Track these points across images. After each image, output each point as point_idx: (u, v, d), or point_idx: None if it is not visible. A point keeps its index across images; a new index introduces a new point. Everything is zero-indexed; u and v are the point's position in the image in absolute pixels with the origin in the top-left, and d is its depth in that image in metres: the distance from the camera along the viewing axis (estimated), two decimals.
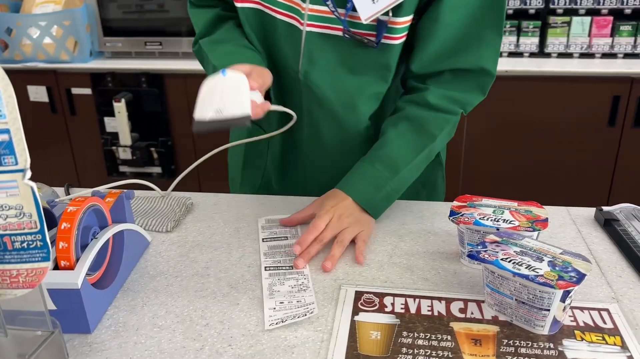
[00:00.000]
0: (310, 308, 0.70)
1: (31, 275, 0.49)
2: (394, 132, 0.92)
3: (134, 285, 0.76)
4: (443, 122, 0.93)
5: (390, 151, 0.91)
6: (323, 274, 0.78)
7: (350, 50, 0.89)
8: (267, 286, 0.75)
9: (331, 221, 0.85)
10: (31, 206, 0.46)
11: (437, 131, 0.92)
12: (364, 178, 0.90)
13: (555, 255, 0.66)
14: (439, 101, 0.91)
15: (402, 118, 0.93)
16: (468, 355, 0.61)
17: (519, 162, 2.37)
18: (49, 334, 0.59)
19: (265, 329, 0.67)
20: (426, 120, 0.92)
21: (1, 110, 0.43)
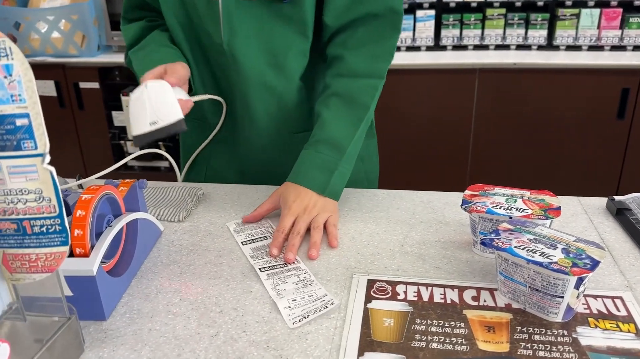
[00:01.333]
0: (326, 300, 0.69)
1: (50, 259, 0.49)
2: (328, 113, 0.93)
3: (148, 273, 0.77)
4: (372, 90, 0.95)
5: (330, 132, 0.92)
6: (335, 263, 0.78)
7: (267, 11, 0.91)
8: (271, 287, 0.74)
9: (299, 215, 0.85)
10: (50, 190, 0.46)
11: (369, 99, 0.95)
12: (313, 165, 0.91)
13: (569, 243, 0.66)
14: (362, 64, 0.94)
15: (331, 96, 0.94)
16: (482, 342, 0.62)
17: (527, 154, 2.37)
18: (65, 320, 0.60)
19: (290, 328, 0.65)
20: (355, 91, 0.94)
21: (21, 94, 0.43)
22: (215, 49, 0.96)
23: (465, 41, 2.44)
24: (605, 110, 2.25)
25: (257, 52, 0.95)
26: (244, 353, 0.61)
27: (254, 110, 1.00)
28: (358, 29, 0.94)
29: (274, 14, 0.91)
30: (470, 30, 2.42)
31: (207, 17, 0.93)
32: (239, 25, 0.92)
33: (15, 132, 0.44)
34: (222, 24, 0.92)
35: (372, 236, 0.85)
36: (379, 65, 0.96)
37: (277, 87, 0.98)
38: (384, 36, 0.94)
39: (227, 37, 0.93)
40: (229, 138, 1.08)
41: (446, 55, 2.39)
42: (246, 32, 0.93)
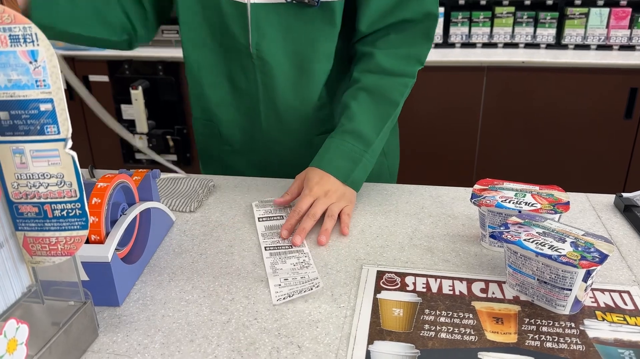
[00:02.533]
0: (315, 283, 0.72)
1: (70, 243, 0.51)
2: (357, 105, 0.94)
3: (160, 262, 0.78)
4: (402, 87, 0.96)
5: (358, 124, 0.93)
6: (344, 254, 0.79)
7: (295, 14, 0.91)
8: (270, 264, 0.77)
9: (319, 197, 0.87)
10: (72, 175, 0.48)
11: (399, 97, 0.95)
12: (339, 154, 0.92)
13: (578, 236, 0.67)
14: (392, 63, 0.94)
15: (360, 90, 0.95)
16: (490, 332, 0.62)
17: (534, 151, 2.37)
18: (81, 304, 0.61)
19: (274, 304, 0.68)
20: (385, 88, 0.94)
21: (45, 80, 0.44)
22: (241, 52, 0.96)
23: (474, 39, 2.44)
24: (613, 109, 2.25)
25: (284, 54, 0.95)
26: (256, 339, 0.63)
27: (280, 110, 1.01)
28: (390, 33, 0.94)
29: (302, 18, 0.92)
30: (479, 28, 2.42)
31: (233, 19, 0.93)
32: (267, 28, 0.93)
33: (39, 117, 0.45)
34: (251, 27, 0.92)
35: (381, 229, 0.86)
36: (411, 66, 0.96)
37: (303, 88, 0.98)
38: (416, 43, 0.95)
39: (255, 40, 0.93)
40: (249, 141, 1.08)
41: (455, 52, 2.39)
42: (274, 35, 0.93)
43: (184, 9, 0.96)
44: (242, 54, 0.96)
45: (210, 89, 1.03)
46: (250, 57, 0.96)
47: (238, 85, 1.01)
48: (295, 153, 1.05)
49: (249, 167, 1.11)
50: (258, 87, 0.99)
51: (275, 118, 1.02)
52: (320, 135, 1.04)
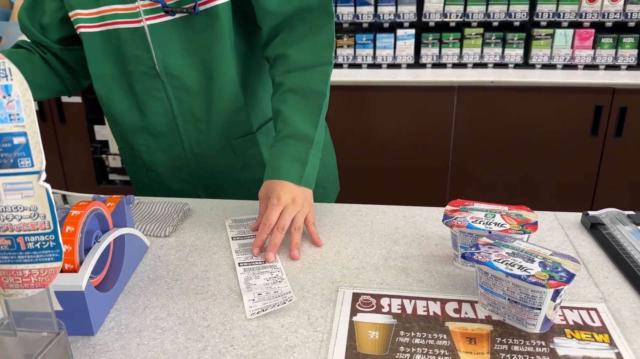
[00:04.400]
0: (288, 296, 0.73)
1: (43, 275, 0.50)
2: (288, 108, 0.96)
3: (135, 288, 0.78)
4: (323, 76, 0.98)
5: (295, 126, 0.95)
6: (320, 276, 0.80)
7: (189, 26, 0.96)
8: (243, 280, 0.79)
9: (287, 205, 0.88)
10: (45, 207, 0.48)
11: (323, 86, 0.98)
12: (287, 158, 0.93)
13: (546, 256, 0.69)
14: (306, 57, 0.97)
15: (286, 92, 0.97)
16: (464, 353, 0.64)
17: (505, 170, 2.42)
18: (55, 335, 0.60)
19: (247, 318, 0.70)
20: (308, 82, 0.97)
21: (19, 113, 0.44)
22: (147, 75, 1.01)
23: (444, 59, 2.49)
24: (580, 127, 2.32)
25: (191, 66, 0.99)
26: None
27: (199, 121, 1.05)
28: (295, 26, 0.97)
29: (195, 27, 0.96)
30: (449, 49, 2.48)
31: (134, 44, 0.98)
32: (169, 45, 0.97)
33: (12, 150, 0.45)
34: (153, 47, 0.97)
35: (356, 251, 0.87)
36: (325, 53, 0.98)
37: (215, 95, 1.02)
38: (320, 25, 0.98)
39: (160, 58, 0.98)
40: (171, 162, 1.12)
41: (426, 72, 2.44)
42: (177, 49, 0.98)
43: (88, 46, 1.01)
44: (149, 76, 1.01)
45: (123, 118, 1.08)
46: (158, 77, 1.00)
47: (150, 109, 1.05)
48: (216, 159, 1.08)
49: (179, 186, 1.14)
50: (172, 103, 1.03)
51: (196, 131, 1.06)
52: (238, 138, 1.07)
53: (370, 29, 2.55)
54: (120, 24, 0.97)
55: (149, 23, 0.96)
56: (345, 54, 2.51)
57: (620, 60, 2.40)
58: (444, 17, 2.45)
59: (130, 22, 0.97)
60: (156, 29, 0.96)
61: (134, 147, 1.12)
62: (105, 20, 0.98)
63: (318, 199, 1.18)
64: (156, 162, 1.12)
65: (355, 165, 2.46)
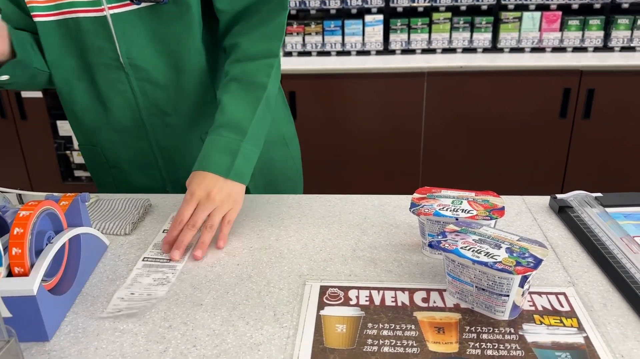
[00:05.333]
0: (150, 305, 0.71)
1: None
2: (227, 96, 0.93)
3: (93, 290, 0.74)
4: (267, 68, 0.96)
5: (229, 115, 0.91)
6: (287, 270, 0.78)
7: (155, 16, 0.92)
8: (133, 277, 0.77)
9: (200, 202, 0.84)
10: None
11: (265, 78, 0.95)
12: (216, 149, 0.89)
13: (513, 242, 0.68)
14: (254, 47, 0.95)
15: (230, 81, 0.95)
16: (432, 343, 0.62)
17: (476, 154, 2.43)
18: (4, 343, 0.57)
19: (99, 316, 0.68)
20: (251, 73, 0.95)
21: None
22: (110, 66, 0.96)
23: (413, 45, 2.48)
24: (548, 109, 2.34)
25: (157, 57, 0.96)
26: None
27: (166, 114, 1.01)
28: (252, 16, 0.95)
29: (162, 17, 0.92)
30: (417, 34, 2.47)
31: (95, 34, 0.93)
32: (133, 35, 0.93)
33: None
34: (117, 38, 0.93)
35: (324, 242, 0.85)
36: (272, 45, 0.96)
37: (184, 87, 0.98)
38: (272, 16, 0.96)
39: (125, 49, 0.94)
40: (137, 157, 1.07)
41: (395, 59, 2.43)
42: (142, 40, 0.94)
43: (44, 36, 0.95)
44: (111, 68, 0.96)
45: (85, 112, 1.03)
46: (122, 69, 0.96)
47: (113, 103, 1.00)
48: (188, 154, 1.04)
49: (146, 182, 1.10)
50: (137, 96, 0.99)
51: (162, 124, 1.02)
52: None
53: (338, 15, 2.52)
54: (80, 12, 0.92)
55: (112, 12, 0.91)
56: (313, 41, 2.48)
57: (587, 42, 2.42)
58: (412, 2, 2.43)
59: (90, 10, 0.91)
60: (120, 19, 0.91)
61: (96, 143, 1.07)
62: (63, 9, 0.92)
63: (288, 193, 1.16)
64: (120, 158, 1.08)
65: (325, 153, 2.44)
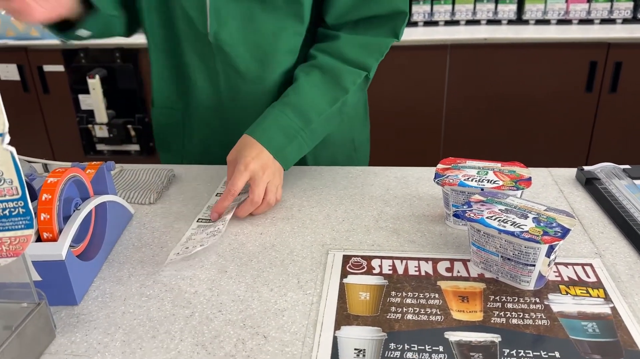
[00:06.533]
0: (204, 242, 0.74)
1: (15, 243, 0.48)
2: (307, 81, 0.90)
3: (119, 257, 0.76)
4: (356, 76, 0.93)
5: (303, 100, 0.89)
6: (310, 240, 0.78)
7: (258, 4, 0.88)
8: (188, 236, 0.78)
9: (256, 174, 0.82)
10: (12, 172, 0.45)
11: (350, 85, 0.92)
12: (276, 125, 0.87)
13: (540, 212, 0.67)
14: (352, 51, 0.91)
15: (314, 67, 0.92)
16: (456, 311, 0.62)
17: (499, 127, 2.40)
18: (35, 306, 0.58)
19: (165, 264, 0.72)
20: (339, 72, 0.91)
21: None
22: (200, 39, 0.93)
23: (436, 17, 2.44)
24: (574, 83, 2.28)
25: (245, 46, 0.92)
26: (220, 331, 0.61)
27: (242, 98, 0.98)
28: (359, 23, 0.92)
29: (266, 9, 0.88)
30: (440, 5, 2.42)
31: (191, 5, 0.89)
32: (227, 17, 0.89)
33: None
34: (209, 16, 0.89)
35: (347, 213, 0.85)
36: (368, 59, 0.93)
37: (266, 80, 0.96)
38: (380, 35, 0.92)
39: (214, 29, 0.90)
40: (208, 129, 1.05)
41: (417, 31, 2.38)
42: (235, 25, 0.90)
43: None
44: (202, 42, 0.93)
45: (172, 78, 1.01)
46: (209, 46, 0.92)
47: (199, 73, 0.97)
48: None
49: (207, 155, 1.08)
50: (219, 75, 0.96)
51: (238, 107, 0.99)
52: None
53: None
54: None
55: None
56: None
57: (616, 13, 2.35)
58: None
59: None
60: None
61: (175, 107, 1.04)
62: None
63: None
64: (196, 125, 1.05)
65: None
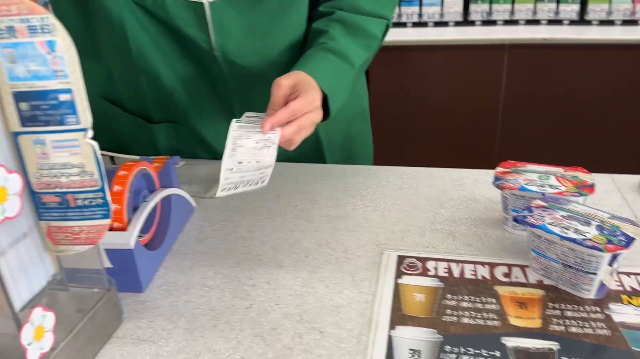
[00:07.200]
0: (263, 176, 0.68)
1: (92, 232, 0.51)
2: (337, 31, 0.82)
3: (182, 248, 0.79)
4: (379, 24, 0.87)
5: (341, 46, 0.81)
6: (365, 239, 0.79)
7: (259, 8, 0.85)
8: (232, 139, 0.68)
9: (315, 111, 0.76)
10: (92, 164, 0.48)
11: (379, 32, 0.86)
12: (326, 65, 0.79)
13: (604, 219, 0.65)
14: (368, 3, 0.85)
15: (334, 21, 0.84)
16: (513, 317, 0.62)
17: (558, 132, 2.33)
18: (105, 291, 0.62)
19: (216, 196, 0.68)
20: (362, 21, 0.85)
21: (64, 70, 0.44)
22: (203, 56, 0.88)
23: (494, 16, 2.38)
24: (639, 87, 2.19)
25: (253, 51, 0.89)
26: (278, 324, 0.63)
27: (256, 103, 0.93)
28: None
29: (267, 7, 0.85)
30: (500, 4, 2.37)
31: (188, 24, 0.84)
32: (231, 26, 0.85)
33: (58, 107, 0.45)
34: (212, 29, 0.84)
35: (401, 213, 0.85)
36: (384, 9, 0.87)
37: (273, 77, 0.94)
38: None
39: (220, 42, 0.86)
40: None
41: (475, 30, 2.34)
42: (240, 32, 0.86)
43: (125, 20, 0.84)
44: (205, 58, 0.88)
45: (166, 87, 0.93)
46: (215, 60, 0.88)
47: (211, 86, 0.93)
48: None
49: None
50: (229, 85, 0.93)
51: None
52: None
53: None
54: None
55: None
56: None
57: None
58: None
59: None
60: (218, 6, 0.82)
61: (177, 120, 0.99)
62: None
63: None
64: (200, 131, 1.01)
65: (398, 127, 2.41)
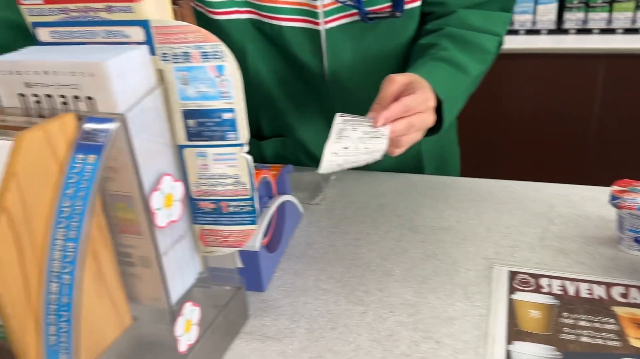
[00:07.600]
0: (375, 155, 0.64)
1: (240, 236, 0.56)
2: (446, 43, 0.80)
3: (294, 251, 0.83)
4: (492, 40, 0.84)
5: (453, 55, 0.78)
6: (473, 252, 0.80)
7: (371, 32, 0.85)
8: (338, 130, 0.66)
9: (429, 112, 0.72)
10: (246, 176, 0.53)
11: (492, 47, 0.83)
12: (441, 72, 0.76)
13: None
14: (478, 20, 0.83)
15: (443, 37, 0.81)
16: (634, 339, 0.61)
17: None
18: (236, 289, 0.67)
19: (319, 171, 0.63)
20: (474, 36, 0.82)
21: (229, 91, 0.49)
22: (312, 80, 0.91)
23: (590, 24, 2.30)
24: None
25: (362, 75, 0.90)
26: (394, 331, 0.66)
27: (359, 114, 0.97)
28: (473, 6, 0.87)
29: (379, 34, 0.86)
30: (596, 13, 2.28)
31: (302, 49, 0.86)
32: (344, 53, 0.86)
33: (221, 124, 0.50)
34: (326, 55, 0.86)
35: (508, 228, 0.85)
36: (495, 27, 0.86)
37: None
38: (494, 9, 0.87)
39: (332, 68, 0.88)
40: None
41: (569, 39, 2.27)
42: (352, 59, 0.88)
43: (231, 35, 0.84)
44: (314, 82, 0.90)
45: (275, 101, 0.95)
46: (324, 84, 0.90)
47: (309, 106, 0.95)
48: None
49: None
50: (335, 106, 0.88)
51: None
52: None
53: None
54: (284, 20, 0.81)
55: (328, 27, 0.82)
56: None
57: None
58: None
59: (299, 20, 0.81)
60: (333, 34, 0.83)
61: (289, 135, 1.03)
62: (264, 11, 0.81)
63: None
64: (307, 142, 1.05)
65: (485, 137, 2.38)
